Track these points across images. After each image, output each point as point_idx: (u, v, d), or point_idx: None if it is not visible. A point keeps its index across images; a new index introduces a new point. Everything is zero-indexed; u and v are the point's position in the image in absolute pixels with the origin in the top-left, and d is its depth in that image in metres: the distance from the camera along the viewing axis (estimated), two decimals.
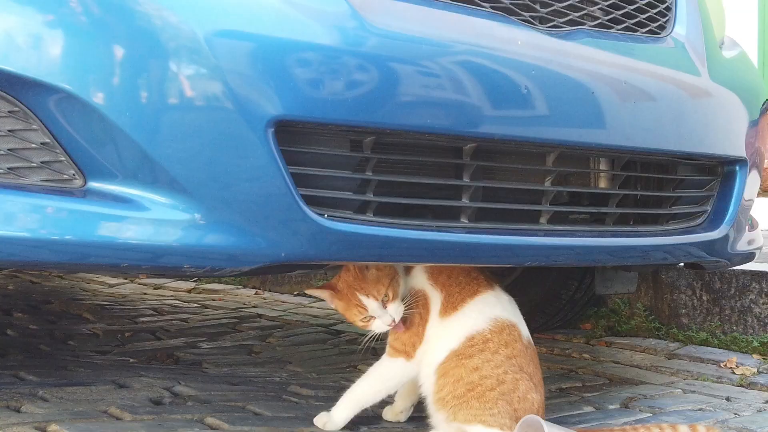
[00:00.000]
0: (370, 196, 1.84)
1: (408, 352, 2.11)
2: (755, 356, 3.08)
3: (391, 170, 1.90)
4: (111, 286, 5.44)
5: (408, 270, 2.11)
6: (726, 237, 2.42)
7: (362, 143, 1.83)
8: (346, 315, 2.12)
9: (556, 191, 2.11)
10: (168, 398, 2.44)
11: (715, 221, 2.42)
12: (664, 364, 3.08)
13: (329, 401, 2.53)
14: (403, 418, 2.32)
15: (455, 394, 2.05)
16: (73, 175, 1.71)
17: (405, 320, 2.08)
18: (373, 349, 3.44)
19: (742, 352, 3.14)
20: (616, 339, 3.45)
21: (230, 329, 3.94)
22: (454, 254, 1.93)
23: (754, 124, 2.51)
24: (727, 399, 2.66)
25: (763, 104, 2.60)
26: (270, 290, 5.13)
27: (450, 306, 2.09)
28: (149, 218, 1.68)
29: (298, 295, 4.95)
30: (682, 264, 2.61)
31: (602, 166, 2.32)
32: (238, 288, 5.28)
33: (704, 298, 3.27)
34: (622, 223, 2.28)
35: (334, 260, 1.84)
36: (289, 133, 1.73)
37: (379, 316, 2.06)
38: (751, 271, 3.16)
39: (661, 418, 2.43)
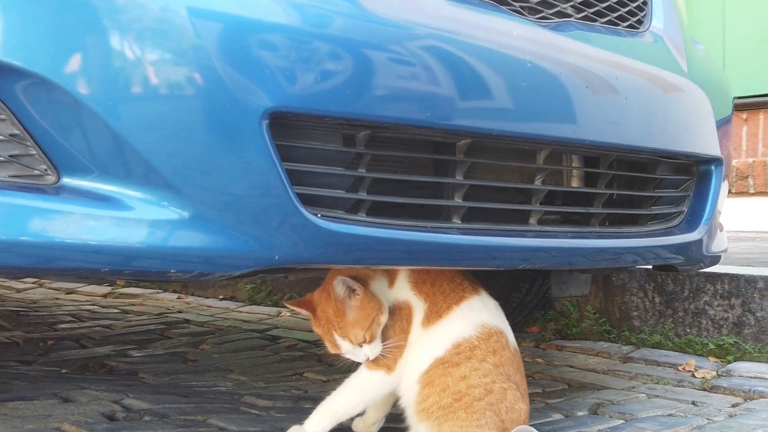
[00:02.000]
0: (370, 196, 1.72)
1: (389, 365, 1.99)
2: (711, 359, 3.05)
3: (385, 168, 1.77)
4: (19, 291, 5.20)
5: (392, 280, 1.98)
6: (703, 238, 2.36)
7: (358, 138, 1.70)
8: (322, 339, 1.99)
9: (547, 190, 2.01)
10: (121, 412, 2.27)
11: (692, 222, 2.36)
12: (621, 368, 3.02)
13: (291, 413, 2.41)
14: (374, 429, 2.20)
15: (441, 404, 1.94)
16: (46, 170, 1.54)
17: (386, 330, 1.96)
18: (317, 355, 3.33)
19: (698, 355, 3.10)
20: (566, 343, 3.38)
21: (158, 336, 3.77)
22: (450, 256, 1.82)
23: (727, 122, 2.46)
24: (694, 403, 2.60)
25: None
26: (193, 294, 4.95)
27: (434, 314, 1.97)
28: (133, 218, 1.52)
29: (223, 299, 4.78)
30: (651, 266, 2.54)
31: (579, 164, 2.24)
32: (158, 292, 5.08)
33: (656, 300, 3.22)
34: (605, 224, 2.20)
35: (330, 263, 1.71)
36: (284, 127, 1.60)
37: (354, 355, 1.96)
38: (705, 272, 3.12)
39: (635, 425, 2.36)
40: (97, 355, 3.28)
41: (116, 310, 4.48)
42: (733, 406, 2.59)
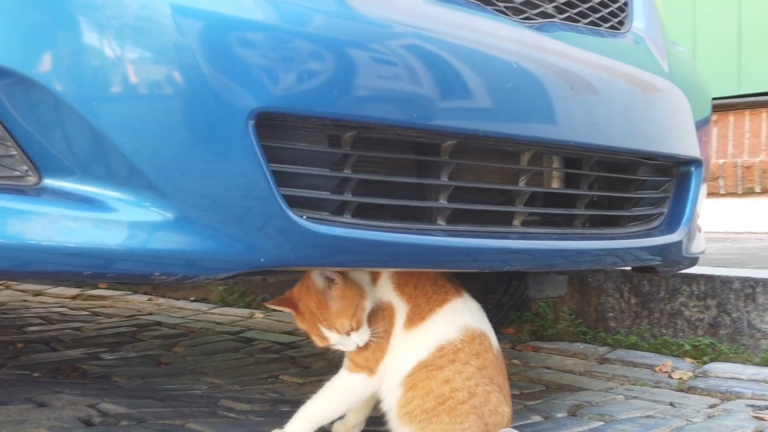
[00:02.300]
0: (356, 197, 1.69)
1: (371, 368, 1.97)
2: (688, 360, 3.05)
3: (369, 170, 1.75)
4: None
5: (374, 280, 1.96)
6: (683, 239, 2.35)
7: (344, 139, 1.68)
8: (309, 335, 1.97)
9: (531, 192, 2.00)
10: (97, 417, 2.24)
11: (672, 223, 2.36)
12: (598, 369, 3.02)
13: (269, 416, 2.38)
14: None
15: (424, 407, 1.92)
16: (26, 171, 1.50)
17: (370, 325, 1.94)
18: (292, 358, 3.30)
19: (674, 356, 3.10)
20: (542, 344, 3.37)
21: (130, 338, 3.73)
22: (436, 258, 1.80)
23: (706, 123, 2.46)
24: (672, 405, 2.60)
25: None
26: (164, 296, 4.91)
27: (417, 317, 1.95)
28: (116, 220, 1.49)
29: (195, 301, 4.74)
30: (630, 268, 2.54)
31: (559, 165, 2.23)
32: (128, 294, 5.04)
33: (632, 301, 3.23)
34: (586, 226, 2.19)
35: (316, 266, 1.69)
36: (270, 128, 1.57)
37: (343, 345, 1.93)
38: (681, 273, 3.13)
39: (615, 426, 2.35)
40: (69, 359, 3.23)
41: (86, 313, 4.43)
42: (711, 407, 2.59)
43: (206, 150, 1.52)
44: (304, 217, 1.61)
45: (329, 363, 3.16)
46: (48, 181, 1.51)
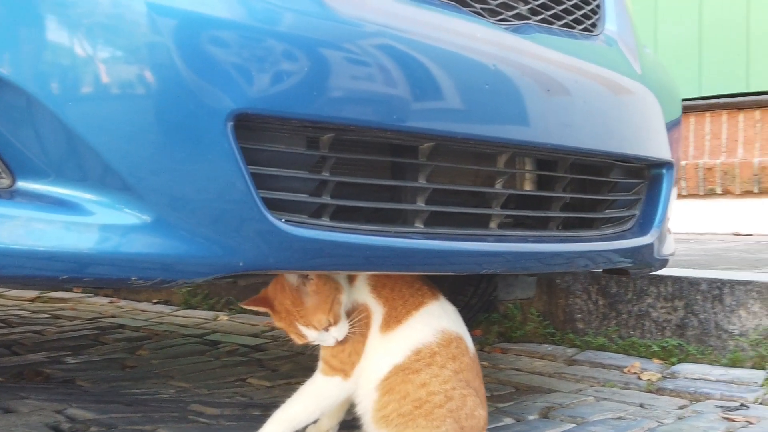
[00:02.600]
0: (334, 200, 1.67)
1: (346, 371, 1.95)
2: (656, 361, 3.06)
3: (345, 172, 1.73)
4: None
5: (351, 281, 1.94)
6: (654, 242, 2.36)
7: (323, 141, 1.66)
8: (287, 333, 1.94)
9: (508, 194, 1.99)
10: (66, 423, 2.20)
11: (644, 225, 2.36)
12: (567, 371, 3.02)
13: (240, 420, 2.36)
14: None
15: (401, 411, 1.90)
16: (0, 173, 1.47)
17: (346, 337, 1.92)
18: (259, 360, 3.27)
19: (642, 357, 3.11)
20: (510, 345, 3.37)
21: (93, 342, 3.68)
22: (415, 261, 1.79)
23: (677, 125, 2.47)
24: (642, 406, 2.61)
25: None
26: (126, 298, 4.85)
27: (393, 320, 1.94)
28: (92, 223, 1.46)
29: (157, 303, 4.69)
30: (601, 270, 2.54)
31: (534, 167, 2.23)
32: (89, 296, 4.98)
33: (600, 302, 3.23)
34: (560, 228, 2.19)
35: (295, 269, 1.67)
36: (249, 129, 1.55)
37: (322, 340, 1.90)
38: (648, 275, 3.14)
39: (587, 428, 2.36)
40: (31, 363, 3.18)
41: (46, 315, 4.37)
42: (680, 408, 2.60)
43: (184, 152, 1.49)
44: (283, 220, 1.59)
45: (297, 365, 3.16)
46: (22, 184, 1.48)
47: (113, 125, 1.46)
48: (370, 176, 1.82)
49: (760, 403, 2.61)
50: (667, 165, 2.40)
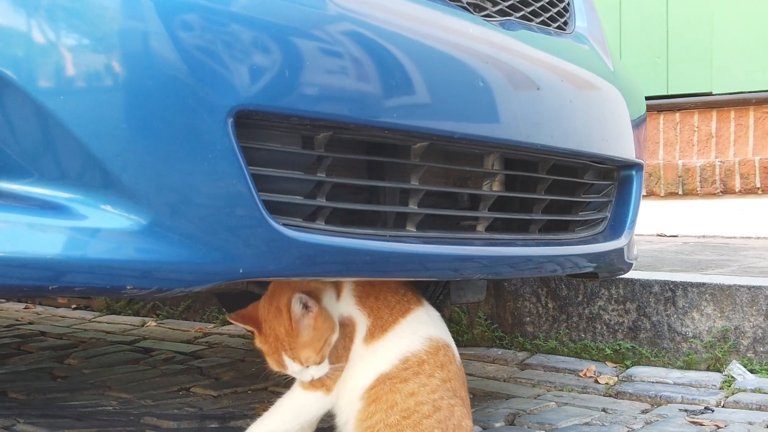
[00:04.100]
0: (333, 203, 1.58)
1: (328, 386, 1.85)
2: (609, 364, 3.03)
3: (337, 174, 1.64)
4: None
5: (338, 295, 1.84)
6: (627, 244, 2.32)
7: (318, 140, 1.56)
8: (263, 355, 1.83)
9: (490, 196, 1.92)
10: None
11: (615, 228, 2.32)
12: (521, 375, 2.97)
13: None
14: None
15: (388, 422, 1.82)
16: None
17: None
18: (199, 368, 3.14)
19: (594, 360, 3.08)
20: (459, 350, 3.29)
21: (15, 350, 3.50)
22: (414, 266, 1.70)
23: (643, 124, 2.44)
24: (605, 411, 2.57)
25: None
26: (42, 304, 4.63)
27: (378, 329, 1.85)
28: (84, 228, 1.34)
29: (77, 308, 4.49)
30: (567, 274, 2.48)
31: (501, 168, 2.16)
32: (1, 302, 4.73)
33: (550, 305, 3.19)
34: (541, 231, 2.13)
35: (296, 276, 1.56)
36: (249, 128, 1.45)
37: (299, 375, 1.81)
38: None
39: None
40: None
41: None
42: (643, 412, 2.57)
43: (182, 150, 1.38)
44: (283, 224, 1.49)
45: (240, 373, 3.04)
46: (4, 185, 1.35)
47: (106, 120, 1.35)
48: (350, 178, 1.72)
49: (723, 406, 2.60)
50: (636, 166, 2.37)
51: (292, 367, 1.78)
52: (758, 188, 5.05)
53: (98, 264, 1.35)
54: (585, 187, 2.23)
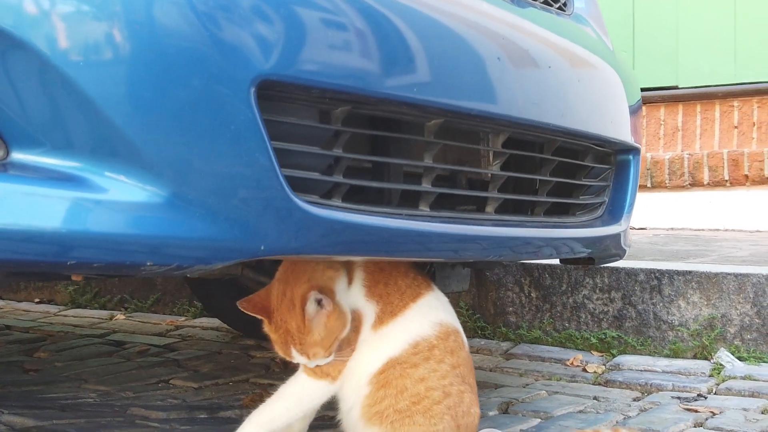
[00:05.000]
0: (353, 180, 1.53)
1: (333, 375, 1.79)
2: (595, 353, 3.01)
3: (358, 151, 1.59)
4: None
5: (349, 283, 1.78)
6: (624, 230, 2.29)
7: (335, 115, 1.50)
8: (271, 341, 1.76)
9: (507, 176, 1.88)
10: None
11: (613, 213, 2.29)
12: (507, 365, 2.93)
13: (194, 424, 2.20)
14: None
15: (397, 407, 1.77)
16: None
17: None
18: (175, 360, 3.06)
19: (579, 350, 3.05)
20: None
21: None
22: (425, 246, 1.66)
23: (640, 109, 2.41)
24: (596, 399, 2.54)
25: None
26: (2, 298, 4.51)
27: (388, 314, 1.79)
28: (103, 200, 1.28)
29: (40, 302, 4.38)
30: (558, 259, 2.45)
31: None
32: None
33: (533, 295, 3.16)
34: (543, 214, 2.09)
35: (316, 254, 1.50)
36: (270, 100, 1.39)
37: (305, 364, 1.76)
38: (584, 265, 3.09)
39: (557, 423, 2.27)
40: None
41: None
42: (635, 400, 2.55)
43: (205, 121, 1.32)
44: (308, 201, 1.43)
45: (218, 365, 2.97)
46: (18, 155, 1.27)
47: (127, 88, 1.28)
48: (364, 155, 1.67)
49: (715, 394, 2.58)
50: (634, 150, 2.34)
51: (297, 359, 1.73)
52: (727, 180, 5.07)
53: (118, 239, 1.29)
54: (586, 171, 2.20)
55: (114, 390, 2.62)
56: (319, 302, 1.66)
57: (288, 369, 2.93)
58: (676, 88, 5.46)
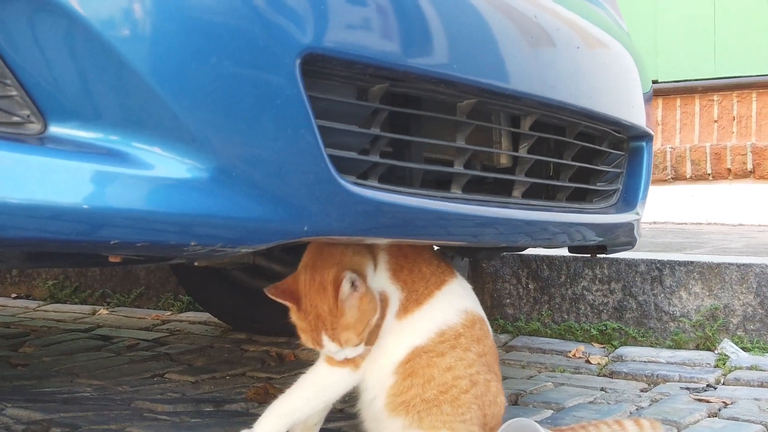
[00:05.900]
0: (393, 160, 1.48)
1: (356, 363, 1.73)
2: (596, 345, 2.98)
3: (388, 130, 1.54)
4: None
5: (374, 267, 1.73)
6: (639, 217, 2.26)
7: (373, 92, 1.46)
8: (298, 330, 1.70)
9: (534, 160, 1.84)
10: (17, 425, 1.90)
11: (628, 200, 2.26)
12: (508, 357, 2.90)
13: (203, 417, 2.14)
14: (316, 430, 1.93)
15: (424, 397, 1.71)
16: (28, 116, 1.20)
17: None
18: (168, 354, 2.99)
19: (580, 341, 3.02)
20: None
21: None
22: (455, 229, 1.61)
23: (650, 94, 2.38)
24: (603, 390, 2.52)
25: None
26: None
27: (413, 302, 1.74)
28: (146, 176, 1.21)
29: (17, 297, 4.28)
30: (567, 248, 2.41)
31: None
32: None
33: (531, 286, 3.13)
34: (564, 200, 2.05)
35: (358, 236, 1.44)
36: (313, 76, 1.33)
37: (333, 354, 1.68)
38: (582, 257, 3.06)
39: (571, 414, 2.24)
40: None
41: None
42: (643, 390, 2.52)
43: (251, 95, 1.27)
44: (350, 181, 1.38)
45: (211, 359, 2.91)
46: (55, 129, 1.21)
47: (174, 58, 1.22)
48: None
49: (724, 384, 2.56)
50: (647, 137, 2.31)
51: (329, 347, 1.66)
52: (709, 174, 5.08)
53: (164, 217, 1.22)
54: (603, 157, 2.16)
55: (109, 384, 2.55)
56: (353, 283, 1.60)
57: (285, 363, 2.89)
58: (656, 82, 5.46)
